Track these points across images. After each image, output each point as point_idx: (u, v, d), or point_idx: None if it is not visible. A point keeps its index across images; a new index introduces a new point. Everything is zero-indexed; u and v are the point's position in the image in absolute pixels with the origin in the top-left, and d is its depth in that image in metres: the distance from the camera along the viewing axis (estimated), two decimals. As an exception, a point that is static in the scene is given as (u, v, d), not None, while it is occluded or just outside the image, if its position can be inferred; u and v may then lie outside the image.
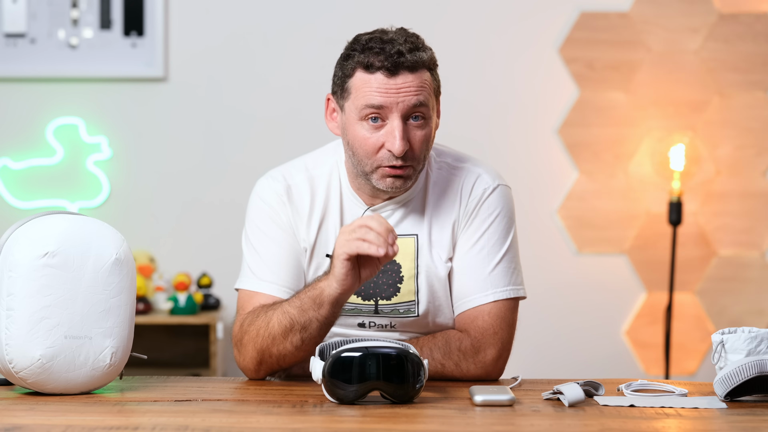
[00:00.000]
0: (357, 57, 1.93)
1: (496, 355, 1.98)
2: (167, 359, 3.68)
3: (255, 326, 1.94)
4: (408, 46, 1.92)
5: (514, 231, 2.06)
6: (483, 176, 2.06)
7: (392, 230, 1.78)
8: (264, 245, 2.03)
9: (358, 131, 1.94)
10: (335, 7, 3.81)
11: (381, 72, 1.91)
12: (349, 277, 1.82)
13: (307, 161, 2.09)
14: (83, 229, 1.78)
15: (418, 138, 1.94)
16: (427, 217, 2.03)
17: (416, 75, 1.92)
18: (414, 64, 1.91)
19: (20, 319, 1.73)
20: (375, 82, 1.91)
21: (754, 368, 1.72)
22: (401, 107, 1.91)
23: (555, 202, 3.85)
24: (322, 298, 1.85)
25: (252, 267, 2.03)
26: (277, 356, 1.93)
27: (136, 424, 1.58)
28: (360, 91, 1.92)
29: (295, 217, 2.03)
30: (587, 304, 3.86)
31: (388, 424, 1.60)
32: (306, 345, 1.89)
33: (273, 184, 2.05)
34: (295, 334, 1.89)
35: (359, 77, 1.93)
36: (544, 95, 3.84)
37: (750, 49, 3.82)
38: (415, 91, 1.91)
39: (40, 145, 3.79)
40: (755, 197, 3.85)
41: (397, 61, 1.90)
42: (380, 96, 1.91)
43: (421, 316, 2.03)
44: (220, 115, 3.81)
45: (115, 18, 3.76)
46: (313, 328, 1.88)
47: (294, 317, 1.88)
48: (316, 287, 1.87)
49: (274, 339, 1.91)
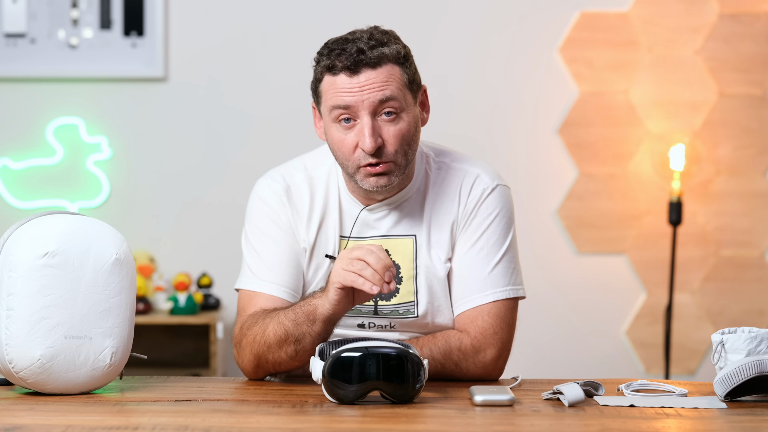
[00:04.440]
0: (323, 61, 1.94)
1: (496, 355, 1.98)
2: (167, 359, 3.68)
3: (252, 331, 1.95)
4: (371, 43, 1.91)
5: (513, 231, 2.06)
6: (482, 176, 2.05)
7: (390, 267, 1.79)
8: (264, 245, 2.03)
9: (334, 134, 1.95)
10: (335, 7, 3.81)
11: (344, 72, 1.91)
12: (342, 303, 1.85)
13: (306, 161, 2.09)
14: (83, 229, 1.78)
15: (391, 133, 1.93)
16: (426, 218, 2.03)
17: (379, 71, 1.91)
18: (376, 60, 1.90)
19: (20, 319, 1.73)
20: (339, 83, 1.91)
21: (754, 368, 1.72)
22: (367, 104, 1.91)
23: (555, 202, 3.85)
24: (315, 315, 1.87)
25: (252, 267, 2.04)
26: (273, 363, 1.95)
27: (136, 424, 1.58)
28: (327, 93, 1.93)
29: (294, 217, 2.03)
30: (587, 304, 3.86)
31: (388, 424, 1.60)
32: (300, 356, 1.91)
33: (272, 185, 2.05)
34: (290, 345, 1.91)
35: (326, 81, 1.93)
36: (544, 95, 3.83)
37: (750, 49, 3.82)
38: (379, 86, 1.91)
39: (40, 145, 3.79)
40: (755, 197, 3.85)
41: (358, 59, 1.90)
42: (345, 95, 1.91)
43: (420, 317, 2.02)
44: (220, 115, 3.81)
45: (115, 18, 3.76)
46: (307, 342, 1.89)
47: (288, 329, 1.90)
48: (310, 303, 1.89)
49: (269, 347, 1.92)
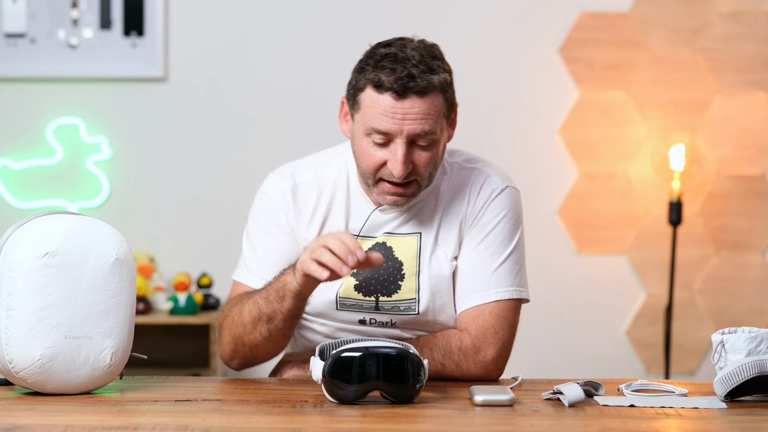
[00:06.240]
0: (369, 72, 1.92)
1: (495, 354, 1.98)
2: (167, 359, 3.68)
3: (232, 314, 1.99)
4: (421, 68, 1.90)
5: (520, 234, 2.06)
6: (492, 177, 2.07)
7: (354, 252, 1.77)
8: (260, 240, 2.07)
9: (364, 146, 1.95)
10: (335, 7, 3.81)
11: (389, 93, 1.90)
12: (308, 284, 1.87)
13: (317, 160, 2.11)
14: (83, 229, 1.78)
15: (422, 159, 1.94)
16: (437, 217, 2.04)
17: (425, 100, 1.90)
18: (423, 89, 1.90)
19: (20, 319, 1.73)
20: (383, 104, 1.90)
21: (754, 368, 1.72)
22: (406, 133, 1.91)
23: (555, 203, 3.85)
24: (285, 291, 1.90)
25: (246, 260, 2.08)
26: (249, 345, 1.98)
27: (136, 424, 1.58)
28: (368, 109, 1.92)
29: (296, 215, 2.05)
30: (587, 304, 3.86)
31: (388, 424, 1.60)
32: (274, 336, 1.95)
33: (280, 181, 2.07)
34: (263, 325, 1.94)
35: (369, 94, 1.92)
36: (544, 95, 3.83)
37: (750, 49, 3.82)
38: (421, 117, 1.90)
39: (40, 145, 3.79)
40: (755, 197, 3.84)
41: (407, 85, 1.89)
42: (386, 120, 1.90)
43: (421, 314, 2.03)
44: (220, 115, 3.81)
45: (115, 18, 3.76)
46: (278, 320, 1.92)
47: (261, 308, 1.93)
48: (280, 280, 1.92)
49: (245, 328, 1.96)
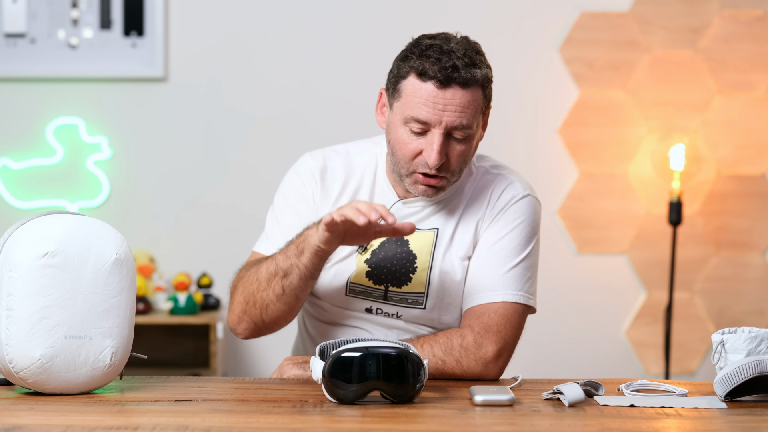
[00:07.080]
0: (413, 61, 1.95)
1: (496, 352, 1.98)
2: (167, 359, 3.68)
3: (248, 273, 2.01)
4: (465, 60, 1.93)
5: (535, 243, 2.07)
6: (515, 184, 2.09)
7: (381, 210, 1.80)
8: (284, 213, 2.09)
9: (400, 134, 1.97)
10: (335, 7, 3.81)
11: (433, 82, 1.92)
12: (330, 241, 1.88)
13: (351, 148, 2.14)
14: (83, 229, 1.78)
15: (456, 152, 1.97)
16: (456, 216, 2.06)
17: (466, 92, 1.93)
18: (466, 81, 1.93)
19: (20, 319, 1.73)
20: (424, 92, 1.93)
21: (754, 368, 1.72)
22: (444, 124, 1.93)
23: (555, 203, 3.85)
24: (305, 245, 1.91)
25: (268, 232, 2.10)
26: (261, 305, 1.98)
27: (136, 424, 1.58)
28: (409, 98, 1.95)
29: (322, 195, 2.08)
30: (587, 304, 3.86)
31: (388, 424, 1.60)
32: (287, 296, 1.95)
33: (311, 162, 2.11)
34: (278, 281, 1.95)
35: (411, 82, 1.95)
36: (544, 95, 3.83)
37: (750, 49, 3.82)
38: (460, 110, 1.93)
39: (40, 145, 3.79)
40: (755, 197, 3.84)
41: (451, 75, 1.92)
42: (426, 109, 1.93)
43: (427, 310, 2.04)
44: (220, 115, 3.81)
45: (115, 18, 3.76)
46: (294, 276, 1.93)
47: (279, 263, 1.95)
48: (302, 234, 1.93)
49: (259, 284, 1.97)
